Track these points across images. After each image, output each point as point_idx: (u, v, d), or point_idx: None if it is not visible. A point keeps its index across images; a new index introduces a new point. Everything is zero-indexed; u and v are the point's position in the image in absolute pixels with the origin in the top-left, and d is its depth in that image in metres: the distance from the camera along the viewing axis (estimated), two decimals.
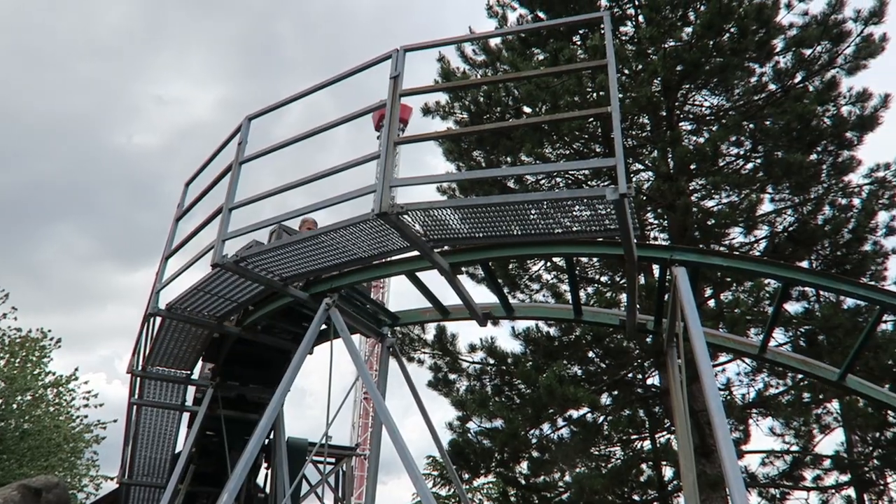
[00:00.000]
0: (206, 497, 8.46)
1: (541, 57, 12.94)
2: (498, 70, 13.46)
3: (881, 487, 12.05)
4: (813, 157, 11.71)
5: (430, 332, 13.09)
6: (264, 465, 9.10)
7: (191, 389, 7.77)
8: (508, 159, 13.03)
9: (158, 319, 6.69)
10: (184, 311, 6.57)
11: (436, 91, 13.25)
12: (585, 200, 4.71)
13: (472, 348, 12.92)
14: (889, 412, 9.69)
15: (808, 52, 11.90)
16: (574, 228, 5.05)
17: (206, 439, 8.08)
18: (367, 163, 5.25)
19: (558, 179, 13.42)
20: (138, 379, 7.25)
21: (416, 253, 5.56)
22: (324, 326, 6.25)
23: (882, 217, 11.81)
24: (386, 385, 7.14)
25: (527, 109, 12.84)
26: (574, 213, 4.86)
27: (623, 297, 11.98)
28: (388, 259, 5.88)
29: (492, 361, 12.84)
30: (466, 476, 13.07)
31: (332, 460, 12.75)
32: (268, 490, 8.96)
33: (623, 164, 4.44)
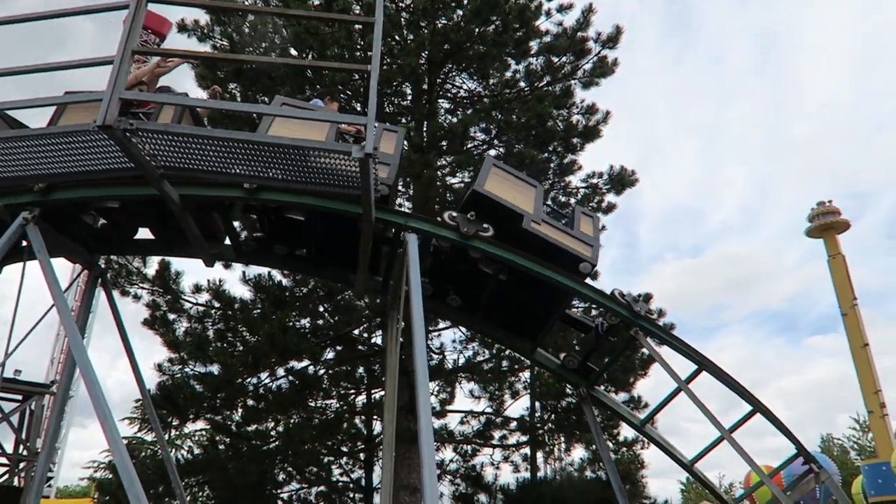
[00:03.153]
0: None
1: (316, 1, 12.55)
2: (269, 3, 12.78)
3: (551, 447, 14.11)
4: (545, 154, 13.04)
5: (151, 267, 12.12)
6: None
7: None
8: (266, 99, 12.48)
9: None
10: None
11: (193, 6, 12.08)
12: (331, 154, 4.70)
13: (198, 289, 12.26)
14: (567, 385, 11.25)
15: (556, 59, 13.15)
16: (320, 181, 5.01)
17: None
18: (97, 66, 4.65)
19: None
20: None
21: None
22: (25, 244, 5.46)
23: None
24: (89, 317, 6.48)
25: (293, 52, 12.39)
26: (322, 165, 4.81)
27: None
28: (113, 179, 5.28)
29: (217, 305, 12.31)
30: (176, 422, 12.41)
31: (19, 397, 11.38)
32: None
33: (374, 125, 4.50)
